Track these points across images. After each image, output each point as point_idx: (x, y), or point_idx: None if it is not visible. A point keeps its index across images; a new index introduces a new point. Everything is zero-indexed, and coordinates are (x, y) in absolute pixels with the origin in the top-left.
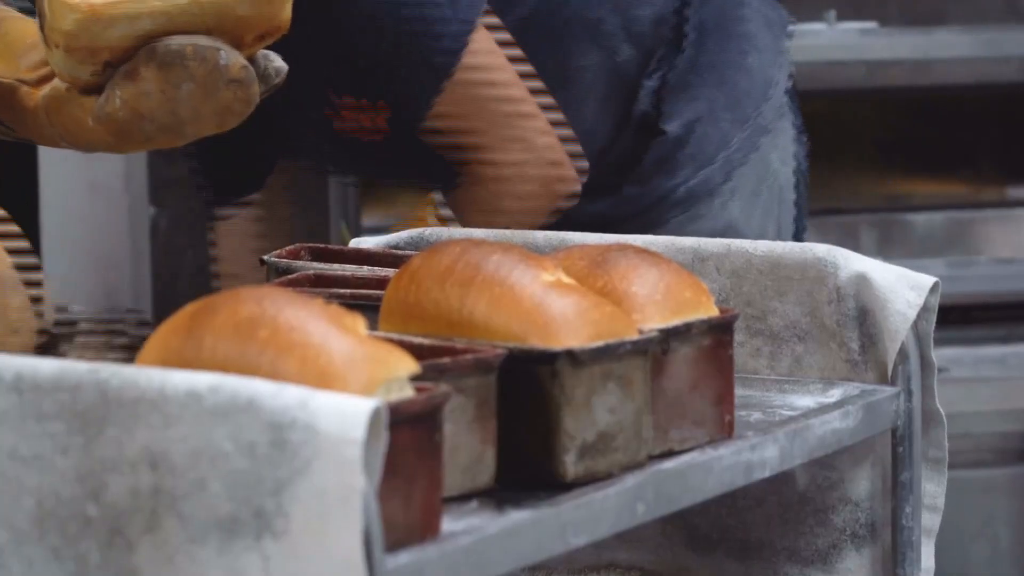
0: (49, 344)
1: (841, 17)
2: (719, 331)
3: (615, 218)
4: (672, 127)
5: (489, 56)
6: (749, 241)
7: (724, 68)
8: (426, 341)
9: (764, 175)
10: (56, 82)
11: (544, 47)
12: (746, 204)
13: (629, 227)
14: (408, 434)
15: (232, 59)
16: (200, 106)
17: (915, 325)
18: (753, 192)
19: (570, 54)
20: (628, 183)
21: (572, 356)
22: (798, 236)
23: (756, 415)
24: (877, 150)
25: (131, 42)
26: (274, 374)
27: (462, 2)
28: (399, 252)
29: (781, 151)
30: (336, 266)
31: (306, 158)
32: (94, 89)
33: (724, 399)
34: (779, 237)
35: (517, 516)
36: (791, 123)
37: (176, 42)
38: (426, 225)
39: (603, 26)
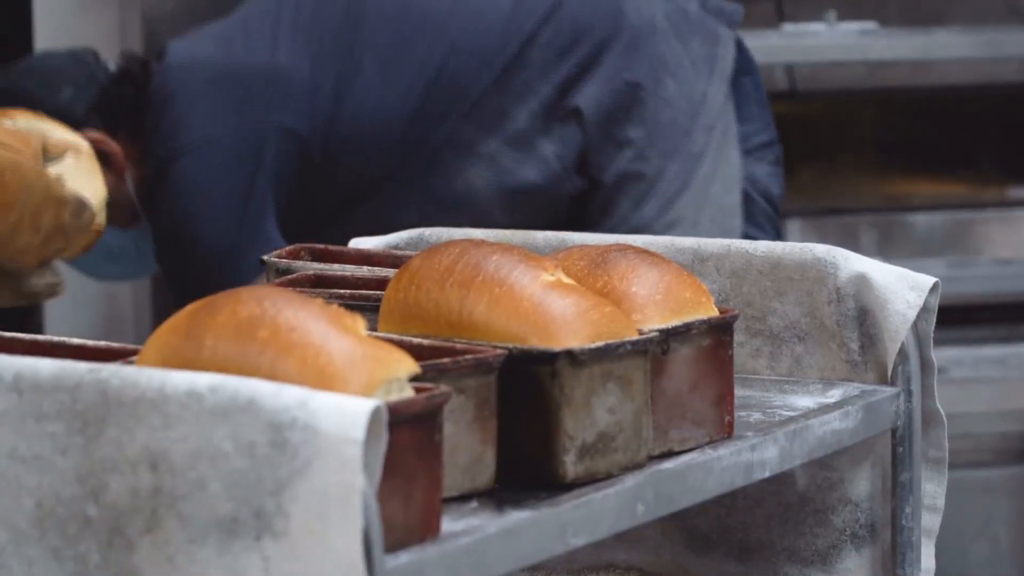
0: None
1: (841, 17)
2: (719, 331)
3: None
4: (606, 177)
5: None
6: (749, 241)
7: (644, 106)
8: (426, 341)
9: (703, 206)
10: None
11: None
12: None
13: None
14: (408, 434)
15: None
16: None
17: (915, 325)
18: (692, 224)
19: (457, 179)
20: (580, 229)
21: (572, 356)
22: None
23: (756, 415)
24: (877, 150)
25: None
26: (274, 374)
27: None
28: (399, 252)
29: (724, 179)
30: (336, 266)
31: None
32: None
33: (724, 399)
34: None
35: (517, 516)
36: (737, 143)
37: None
38: None
39: (476, 146)
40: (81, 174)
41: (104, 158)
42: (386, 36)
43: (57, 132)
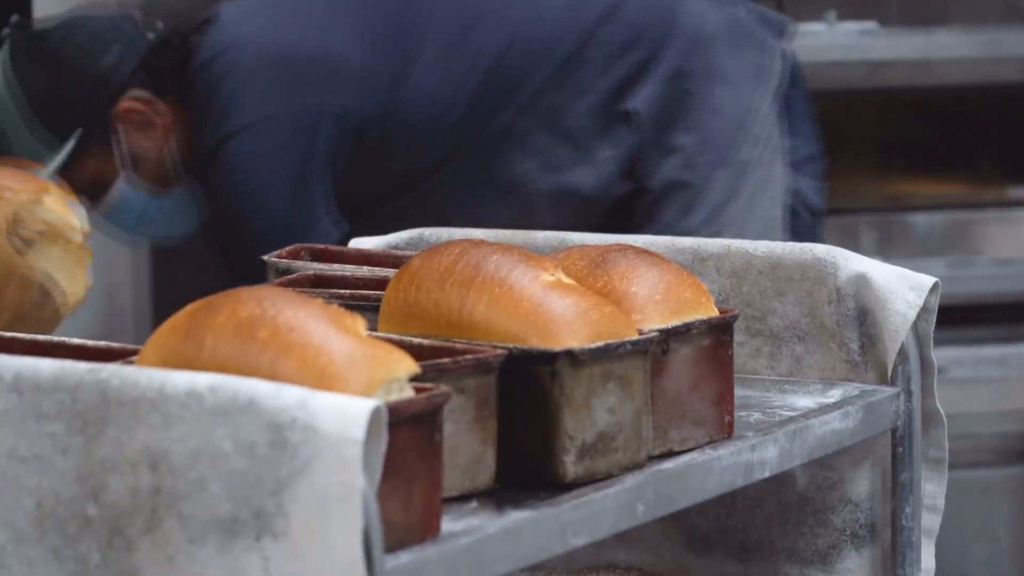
0: None
1: (841, 17)
2: (719, 331)
3: None
4: (653, 182)
5: None
6: (749, 241)
7: (695, 113)
8: (426, 341)
9: (748, 218)
10: None
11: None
12: None
13: None
14: (408, 434)
15: None
16: None
17: (915, 325)
18: (737, 235)
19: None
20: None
21: (572, 356)
22: None
23: (756, 415)
24: (877, 150)
25: None
26: (274, 374)
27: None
28: (399, 252)
29: (770, 191)
30: (336, 266)
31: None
32: None
33: (724, 399)
34: None
35: (517, 516)
36: (783, 156)
37: None
38: None
39: (531, 137)
40: (65, 266)
41: (148, 119)
42: (445, 24)
43: (54, 216)
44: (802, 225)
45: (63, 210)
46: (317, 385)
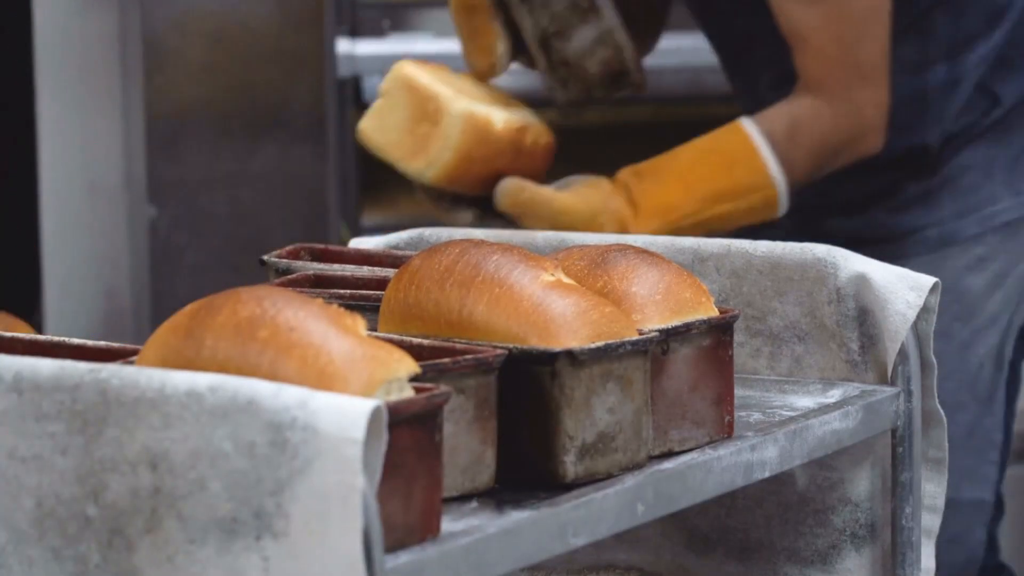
0: None
1: None
2: (719, 331)
3: (866, 239)
4: (945, 169)
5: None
6: (749, 241)
7: (1016, 132)
8: (426, 341)
9: (1015, 269)
10: None
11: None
12: (988, 284)
13: (875, 251)
14: (408, 434)
15: None
16: None
17: (915, 325)
18: (999, 275)
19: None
20: (885, 209)
21: (572, 356)
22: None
23: (756, 415)
24: None
25: None
26: (274, 374)
27: None
28: (399, 252)
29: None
30: (336, 266)
31: None
32: None
33: (724, 399)
34: (1005, 335)
35: (517, 516)
36: None
37: None
38: None
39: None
40: None
41: None
42: None
43: None
44: None
45: None
46: (317, 385)
